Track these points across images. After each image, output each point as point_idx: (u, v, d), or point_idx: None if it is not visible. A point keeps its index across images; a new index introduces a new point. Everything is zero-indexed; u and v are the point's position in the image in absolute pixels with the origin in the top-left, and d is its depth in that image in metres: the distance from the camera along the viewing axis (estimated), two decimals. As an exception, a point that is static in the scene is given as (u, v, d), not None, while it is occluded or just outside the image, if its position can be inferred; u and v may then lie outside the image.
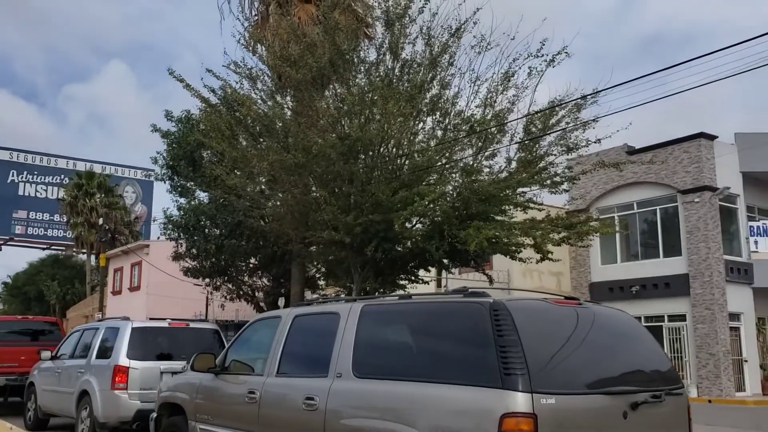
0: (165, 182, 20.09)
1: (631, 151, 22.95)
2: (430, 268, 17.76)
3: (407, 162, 14.58)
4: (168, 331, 11.36)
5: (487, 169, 14.70)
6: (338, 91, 14.73)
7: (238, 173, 16.05)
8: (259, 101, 15.87)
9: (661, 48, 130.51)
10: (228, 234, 18.30)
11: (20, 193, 53.84)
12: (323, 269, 19.52)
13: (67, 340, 13.03)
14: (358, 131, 13.16)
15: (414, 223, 15.14)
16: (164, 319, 11.91)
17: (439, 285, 27.78)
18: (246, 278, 20.37)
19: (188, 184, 20.06)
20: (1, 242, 53.11)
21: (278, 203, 16.46)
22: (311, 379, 5.86)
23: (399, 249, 15.39)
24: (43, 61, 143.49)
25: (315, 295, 20.75)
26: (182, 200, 19.93)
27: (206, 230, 18.94)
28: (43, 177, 54.79)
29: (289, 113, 15.21)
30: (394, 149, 14.32)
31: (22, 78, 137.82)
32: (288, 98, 15.61)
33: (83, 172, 46.47)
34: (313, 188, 15.06)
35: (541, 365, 4.44)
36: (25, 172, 54.32)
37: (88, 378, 10.94)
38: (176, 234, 19.40)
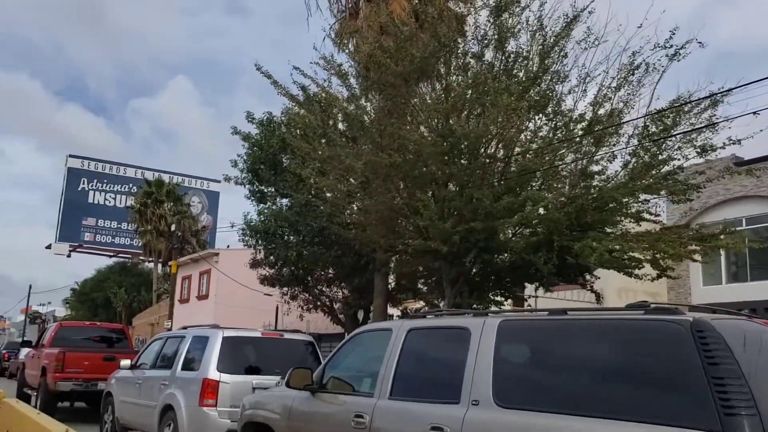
0: (245, 186, 19.36)
1: (740, 162, 21.07)
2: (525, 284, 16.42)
3: (514, 163, 13.36)
4: (260, 341, 10.38)
5: (602, 175, 13.34)
6: (438, 85, 13.62)
7: (325, 176, 15.12)
8: (349, 99, 14.94)
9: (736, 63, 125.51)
10: (309, 241, 17.34)
11: (90, 200, 54.77)
12: (404, 282, 18.36)
13: (148, 349, 12.18)
14: (465, 127, 11.97)
15: (515, 232, 13.85)
16: (256, 329, 11.01)
17: (519, 303, 26.17)
18: (324, 288, 19.37)
19: (267, 190, 19.27)
20: (71, 249, 53.91)
21: (362, 208, 15.39)
22: (437, 406, 4.89)
23: (498, 261, 14.12)
24: (113, 76, 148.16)
25: (407, 307, 19.41)
26: (261, 206, 19.16)
27: (286, 237, 18.05)
28: (112, 185, 55.66)
29: (380, 111, 14.12)
30: (501, 149, 13.10)
31: (93, 92, 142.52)
32: (380, 95, 14.54)
33: (152, 180, 46.73)
34: (406, 192, 13.95)
35: None
36: (95, 181, 55.29)
37: (173, 391, 9.98)
38: (254, 240, 18.58)
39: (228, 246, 37.74)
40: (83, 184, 54.94)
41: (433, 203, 12.73)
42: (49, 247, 54.37)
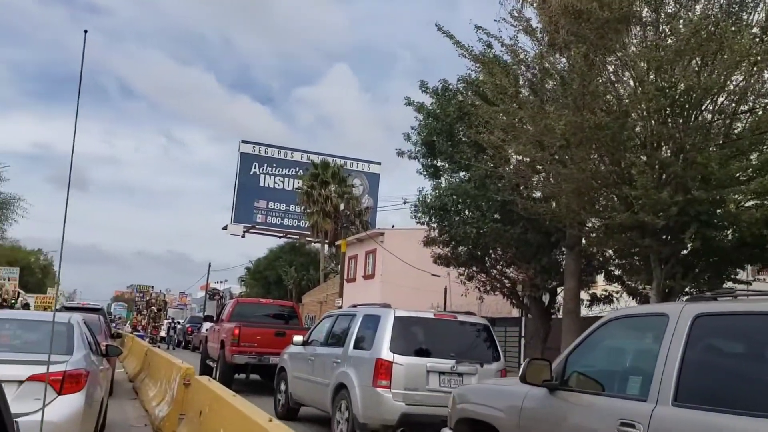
0: (418, 160, 18.36)
1: None
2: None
3: (742, 121, 11.18)
4: (433, 323, 9.65)
5: None
6: (648, 33, 11.67)
7: (508, 143, 13.64)
8: (539, 55, 13.34)
9: None
10: (490, 217, 15.94)
11: (261, 184, 56.90)
12: (594, 262, 16.40)
13: (319, 326, 11.81)
14: (691, 78, 9.98)
15: (739, 203, 11.60)
16: (428, 309, 10.26)
17: (718, 287, 23.15)
18: (504, 269, 17.89)
19: (441, 164, 18.14)
20: (245, 230, 56.46)
21: (554, 178, 13.67)
22: (761, 421, 3.46)
23: (721, 238, 11.95)
24: (276, 66, 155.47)
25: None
26: (437, 180, 18.08)
27: (462, 213, 16.77)
28: (280, 169, 57.48)
29: (583, 66, 12.34)
30: (733, 103, 10.95)
31: (260, 83, 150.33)
32: (576, 49, 12.77)
33: (318, 162, 47.55)
34: (609, 157, 12.13)
35: None
36: (265, 165, 57.33)
37: (346, 370, 9.45)
38: (427, 217, 17.51)
39: (393, 226, 37.36)
40: (255, 168, 57.17)
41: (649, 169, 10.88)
42: (225, 228, 57.29)
